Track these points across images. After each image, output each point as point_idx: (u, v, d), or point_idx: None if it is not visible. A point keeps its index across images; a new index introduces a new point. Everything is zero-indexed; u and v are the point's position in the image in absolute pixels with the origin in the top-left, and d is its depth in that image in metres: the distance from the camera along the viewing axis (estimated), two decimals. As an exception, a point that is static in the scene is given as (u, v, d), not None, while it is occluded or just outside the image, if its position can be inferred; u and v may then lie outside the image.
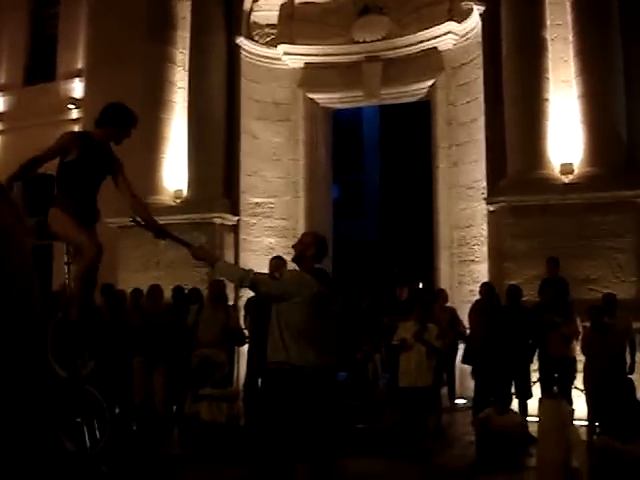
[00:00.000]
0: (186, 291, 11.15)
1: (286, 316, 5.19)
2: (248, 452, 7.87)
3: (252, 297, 10.14)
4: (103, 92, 14.17)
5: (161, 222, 13.23)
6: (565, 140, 11.54)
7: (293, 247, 5.72)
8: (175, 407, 10.10)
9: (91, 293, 5.63)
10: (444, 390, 11.08)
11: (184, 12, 14.37)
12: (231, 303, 11.32)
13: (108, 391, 9.04)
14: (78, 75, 16.52)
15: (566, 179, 11.38)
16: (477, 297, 10.53)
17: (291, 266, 11.09)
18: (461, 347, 11.18)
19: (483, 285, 10.48)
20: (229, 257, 13.80)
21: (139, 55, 14.26)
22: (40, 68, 17.52)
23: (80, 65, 16.64)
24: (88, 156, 5.48)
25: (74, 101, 16.15)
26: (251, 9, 14.83)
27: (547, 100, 11.67)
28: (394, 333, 9.56)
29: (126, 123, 5.64)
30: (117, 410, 9.70)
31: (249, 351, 9.27)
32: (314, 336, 5.30)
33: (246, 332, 9.91)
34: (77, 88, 16.24)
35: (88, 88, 15.82)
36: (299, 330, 5.19)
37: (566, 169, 11.41)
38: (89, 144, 5.51)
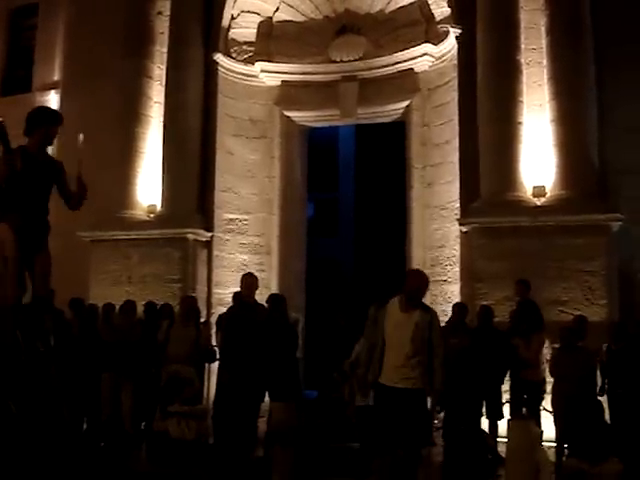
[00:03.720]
0: (158, 307, 11.06)
1: None
2: (216, 470, 7.82)
3: (223, 313, 10.12)
4: (79, 105, 14.17)
5: (134, 236, 13.38)
6: (538, 163, 11.66)
7: (409, 284, 6.48)
8: (143, 424, 10.00)
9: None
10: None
11: (162, 27, 14.35)
12: (203, 320, 11.24)
13: (75, 406, 8.95)
14: (54, 87, 16.41)
15: (538, 202, 11.48)
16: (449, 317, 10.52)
17: (262, 283, 11.02)
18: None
19: (455, 305, 10.45)
20: (202, 273, 13.76)
21: (116, 69, 14.22)
22: (16, 79, 17.41)
23: (56, 77, 16.54)
24: (30, 168, 5.47)
25: (49, 113, 16.02)
26: (229, 26, 14.85)
27: (520, 123, 11.79)
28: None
29: (50, 120, 5.66)
30: (85, 426, 9.63)
31: (219, 368, 9.22)
32: None
33: (217, 349, 9.85)
34: (53, 100, 16.11)
35: (64, 100, 15.73)
36: None
37: (538, 192, 11.52)
38: (27, 157, 5.51)
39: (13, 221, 5.42)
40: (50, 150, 5.91)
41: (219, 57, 14.54)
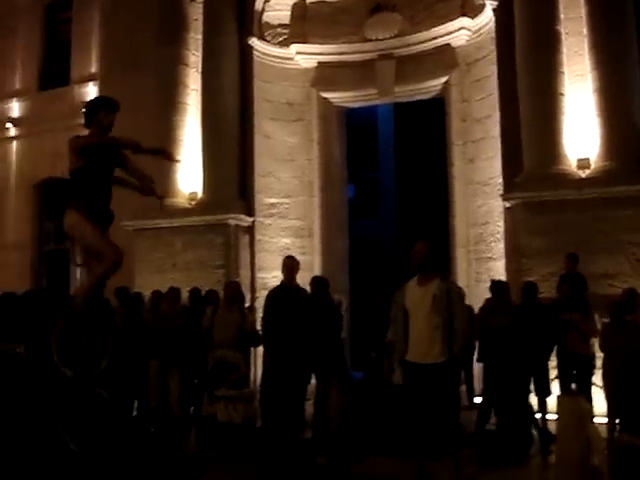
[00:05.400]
0: (203, 293, 11.13)
1: None
2: (263, 453, 7.86)
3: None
4: (116, 96, 14.13)
5: (177, 224, 13.46)
6: (581, 135, 11.44)
7: (414, 257, 6.59)
8: (192, 408, 10.10)
9: (100, 293, 5.68)
10: (462, 388, 10.98)
11: (196, 14, 14.38)
12: (247, 304, 11.29)
13: (124, 393, 9.08)
14: (92, 79, 16.59)
15: (583, 174, 11.28)
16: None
17: (305, 266, 11.02)
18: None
19: (493, 284, 10.28)
20: (245, 258, 13.82)
21: (152, 58, 14.30)
22: (54, 73, 17.63)
23: (94, 69, 16.73)
24: (92, 157, 5.55)
25: (88, 105, 16.22)
26: (263, 9, 14.81)
27: (562, 95, 11.56)
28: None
29: (105, 106, 5.73)
30: (134, 412, 9.76)
31: (264, 352, 9.27)
32: None
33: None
34: (91, 92, 16.27)
35: (102, 92, 15.83)
36: None
37: (582, 164, 11.31)
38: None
39: (81, 208, 5.53)
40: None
41: (254, 41, 14.52)
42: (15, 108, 17.89)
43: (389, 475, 7.17)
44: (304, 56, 14.92)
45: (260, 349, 10.08)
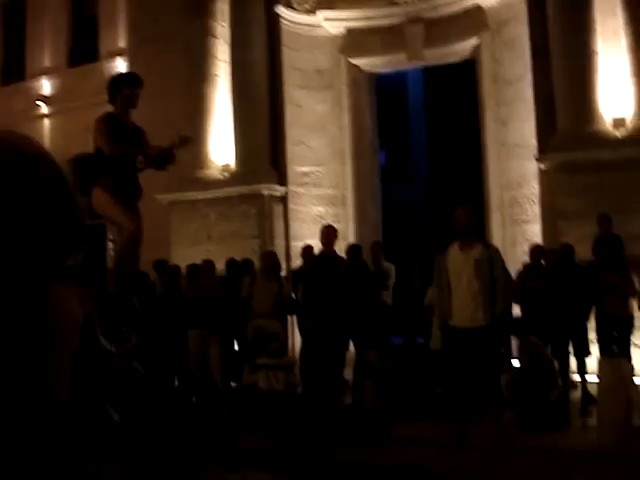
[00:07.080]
0: (239, 263, 11.20)
1: None
2: (306, 419, 7.96)
3: (297, 268, 10.24)
4: (146, 70, 14.17)
5: (210, 196, 13.51)
6: (616, 94, 11.23)
7: (456, 222, 6.68)
8: (233, 377, 10.23)
9: (130, 268, 5.77)
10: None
11: (223, -16, 14.30)
12: (283, 274, 11.36)
13: (165, 365, 9.22)
14: (120, 54, 16.65)
15: (618, 133, 11.10)
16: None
17: (339, 234, 11.07)
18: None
19: (531, 248, 10.22)
20: (279, 228, 13.87)
21: (180, 31, 14.27)
22: (83, 49, 17.72)
23: (122, 44, 16.77)
24: (119, 133, 5.61)
25: (118, 80, 16.32)
26: (289, -23, 14.68)
27: (596, 53, 11.35)
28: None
29: (128, 82, 5.77)
30: (176, 383, 9.92)
31: (299, 321, 9.32)
32: None
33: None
34: (120, 67, 16.34)
35: (131, 67, 15.89)
36: None
37: (618, 123, 11.11)
38: (115, 122, 5.65)
39: (108, 185, 5.61)
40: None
41: (281, 9, 14.41)
42: (46, 86, 18.04)
43: (429, 439, 7.23)
44: (332, 22, 14.78)
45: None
